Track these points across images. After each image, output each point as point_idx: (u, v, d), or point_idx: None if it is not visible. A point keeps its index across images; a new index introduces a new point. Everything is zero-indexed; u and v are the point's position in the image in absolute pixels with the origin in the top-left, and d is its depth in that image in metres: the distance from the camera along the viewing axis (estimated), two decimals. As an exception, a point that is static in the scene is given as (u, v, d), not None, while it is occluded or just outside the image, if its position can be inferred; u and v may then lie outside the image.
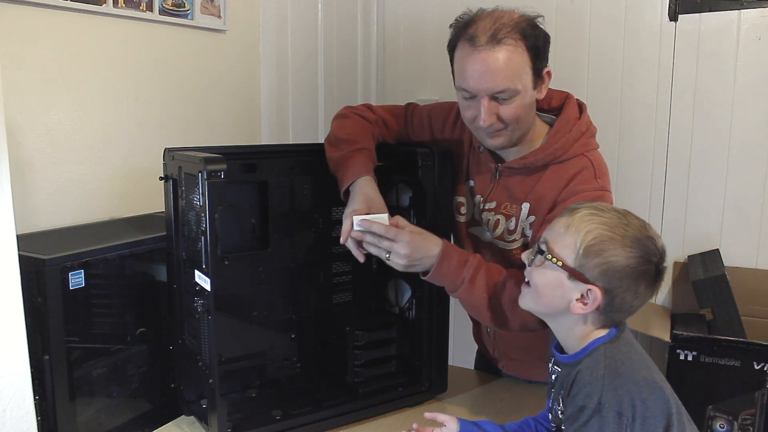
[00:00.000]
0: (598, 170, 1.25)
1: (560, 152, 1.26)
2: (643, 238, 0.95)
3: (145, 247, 1.43)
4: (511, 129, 1.23)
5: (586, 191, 1.22)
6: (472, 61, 1.17)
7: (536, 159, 1.27)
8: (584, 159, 1.26)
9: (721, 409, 1.84)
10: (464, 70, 1.19)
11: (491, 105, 1.19)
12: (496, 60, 1.15)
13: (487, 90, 1.18)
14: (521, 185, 1.30)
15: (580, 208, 0.99)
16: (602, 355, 0.96)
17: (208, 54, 2.04)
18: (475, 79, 1.18)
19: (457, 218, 1.41)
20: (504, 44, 1.15)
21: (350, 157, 1.28)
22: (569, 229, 0.97)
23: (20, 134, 1.51)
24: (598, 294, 0.95)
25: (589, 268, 0.95)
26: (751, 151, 2.10)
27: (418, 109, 1.46)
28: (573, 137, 1.26)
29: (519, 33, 1.16)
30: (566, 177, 1.24)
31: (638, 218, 0.98)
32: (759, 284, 2.08)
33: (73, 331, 1.30)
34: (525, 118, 1.23)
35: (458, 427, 1.16)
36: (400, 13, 2.55)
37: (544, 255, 0.99)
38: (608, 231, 0.95)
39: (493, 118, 1.20)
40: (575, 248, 0.96)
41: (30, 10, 1.50)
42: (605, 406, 0.90)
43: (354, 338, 1.36)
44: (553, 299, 1.01)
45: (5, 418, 1.06)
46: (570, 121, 1.28)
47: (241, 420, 1.25)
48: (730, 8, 2.06)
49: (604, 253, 0.94)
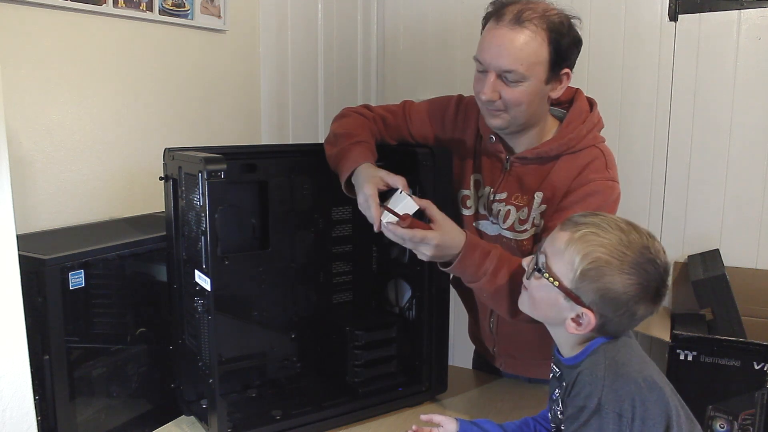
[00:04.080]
0: (609, 161, 1.28)
1: (574, 142, 1.27)
2: (643, 262, 0.92)
3: (145, 247, 1.43)
4: (511, 113, 1.23)
5: (598, 180, 1.24)
6: (491, 35, 1.20)
7: (550, 149, 1.28)
8: (596, 149, 1.28)
9: (721, 409, 1.84)
10: (482, 42, 1.22)
11: (496, 82, 1.20)
12: (512, 40, 1.17)
13: (495, 66, 1.19)
14: (533, 176, 1.31)
15: (581, 225, 0.96)
16: (602, 356, 0.95)
17: (208, 54, 2.04)
18: (488, 52, 1.20)
19: (463, 212, 1.41)
20: (525, 27, 1.17)
21: (348, 149, 1.28)
22: (569, 248, 0.95)
23: (20, 134, 1.51)
24: (592, 318, 0.94)
25: (584, 292, 0.94)
26: (751, 151, 2.10)
27: (415, 106, 1.47)
28: (587, 128, 1.28)
29: (545, 23, 1.17)
30: (579, 166, 1.26)
31: (642, 234, 0.95)
32: (759, 284, 2.08)
33: (73, 331, 1.30)
34: (528, 107, 1.23)
35: (457, 427, 1.16)
36: (400, 13, 2.55)
37: (542, 273, 0.98)
38: (607, 255, 0.92)
39: (494, 95, 1.21)
40: (573, 269, 0.94)
41: (30, 10, 1.50)
42: (605, 406, 0.90)
43: (354, 338, 1.36)
44: (548, 313, 1.01)
45: (5, 418, 1.06)
46: (582, 112, 1.30)
47: (241, 420, 1.25)
48: (730, 8, 2.06)
49: (601, 278, 0.92)
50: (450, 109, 1.41)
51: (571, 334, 0.98)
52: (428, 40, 2.51)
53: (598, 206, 1.21)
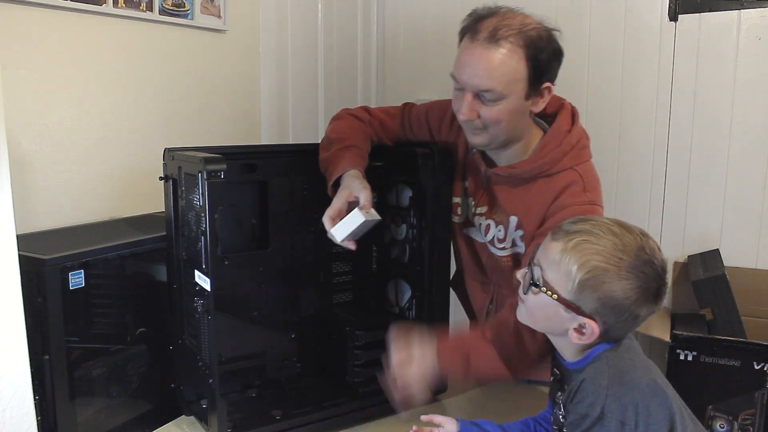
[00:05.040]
0: (587, 183, 1.23)
1: (548, 166, 1.24)
2: (640, 264, 0.91)
3: (145, 247, 1.43)
4: (491, 132, 1.21)
5: (575, 205, 1.20)
6: (466, 53, 1.17)
7: (523, 171, 1.25)
8: (573, 173, 1.24)
9: (721, 409, 1.84)
10: (459, 60, 1.20)
11: (474, 102, 1.18)
12: (488, 59, 1.14)
13: (472, 86, 1.17)
14: (508, 196, 1.29)
15: (574, 233, 0.94)
16: (605, 363, 0.94)
17: (208, 54, 2.04)
18: (464, 72, 1.18)
19: (453, 219, 1.41)
20: (501, 46, 1.13)
21: (337, 155, 1.28)
22: (564, 258, 0.93)
23: (20, 134, 1.51)
24: (595, 327, 0.93)
25: (585, 302, 0.92)
26: (751, 151, 2.09)
27: (415, 108, 1.46)
28: (562, 151, 1.24)
29: (522, 39, 1.14)
30: (555, 191, 1.23)
31: (635, 234, 0.93)
32: (759, 284, 2.08)
33: (73, 331, 1.30)
34: (508, 125, 1.21)
35: (458, 428, 1.16)
36: (400, 13, 2.54)
37: (539, 287, 0.96)
38: (603, 262, 0.91)
39: (473, 115, 1.19)
40: (570, 279, 0.92)
41: (30, 10, 1.50)
42: (608, 415, 0.89)
43: (354, 338, 1.36)
44: (549, 325, 1.00)
45: (5, 418, 1.06)
46: (560, 134, 1.26)
47: (241, 420, 1.25)
48: (730, 8, 2.06)
49: (600, 287, 0.91)
50: (447, 114, 1.40)
51: (573, 344, 0.98)
52: (428, 40, 2.50)
53: None
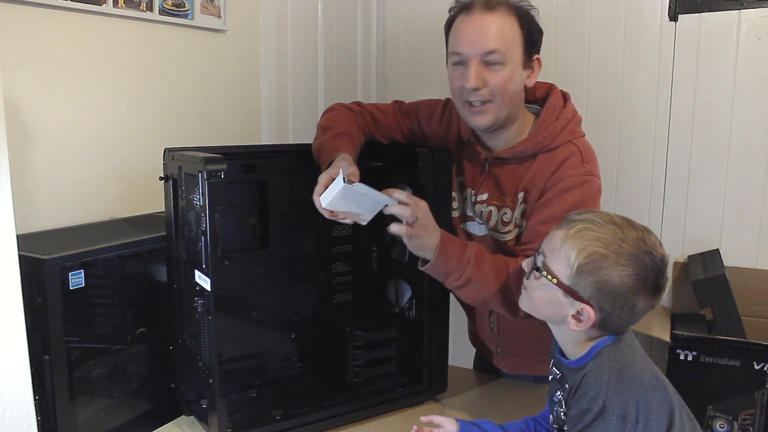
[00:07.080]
0: (585, 155, 1.27)
1: (549, 140, 1.27)
2: (639, 253, 0.93)
3: (145, 247, 1.43)
4: (497, 103, 1.24)
5: (573, 176, 1.24)
6: (465, 24, 1.23)
7: (525, 148, 1.28)
8: (572, 146, 1.28)
9: (721, 409, 1.84)
10: (458, 35, 1.24)
11: (480, 69, 1.21)
12: (489, 23, 1.21)
13: (479, 49, 1.20)
14: (511, 176, 1.31)
15: (576, 222, 0.97)
16: (606, 358, 0.95)
17: (208, 54, 2.04)
18: (468, 40, 1.22)
19: None
20: (497, 11, 1.21)
21: (329, 141, 1.29)
22: (565, 244, 0.96)
23: (20, 134, 1.51)
24: (592, 313, 0.95)
25: (582, 287, 0.94)
26: (751, 151, 2.09)
27: (405, 105, 1.49)
28: (560, 125, 1.28)
29: (514, 9, 1.23)
30: (555, 163, 1.26)
31: (637, 228, 0.96)
32: (759, 284, 2.08)
33: (73, 331, 1.30)
34: (512, 95, 1.25)
35: (458, 428, 1.16)
36: (400, 13, 2.54)
37: (540, 272, 0.99)
38: (602, 248, 0.93)
39: (480, 82, 1.21)
40: (569, 264, 0.95)
41: (30, 10, 1.50)
42: (609, 409, 0.91)
43: (354, 338, 1.36)
44: (548, 312, 1.02)
45: (5, 418, 1.06)
46: (556, 109, 1.31)
47: (241, 420, 1.25)
48: (730, 8, 2.06)
49: (598, 272, 0.93)
50: (437, 111, 1.43)
51: (573, 333, 0.99)
52: (428, 40, 2.50)
53: (576, 201, 1.21)
